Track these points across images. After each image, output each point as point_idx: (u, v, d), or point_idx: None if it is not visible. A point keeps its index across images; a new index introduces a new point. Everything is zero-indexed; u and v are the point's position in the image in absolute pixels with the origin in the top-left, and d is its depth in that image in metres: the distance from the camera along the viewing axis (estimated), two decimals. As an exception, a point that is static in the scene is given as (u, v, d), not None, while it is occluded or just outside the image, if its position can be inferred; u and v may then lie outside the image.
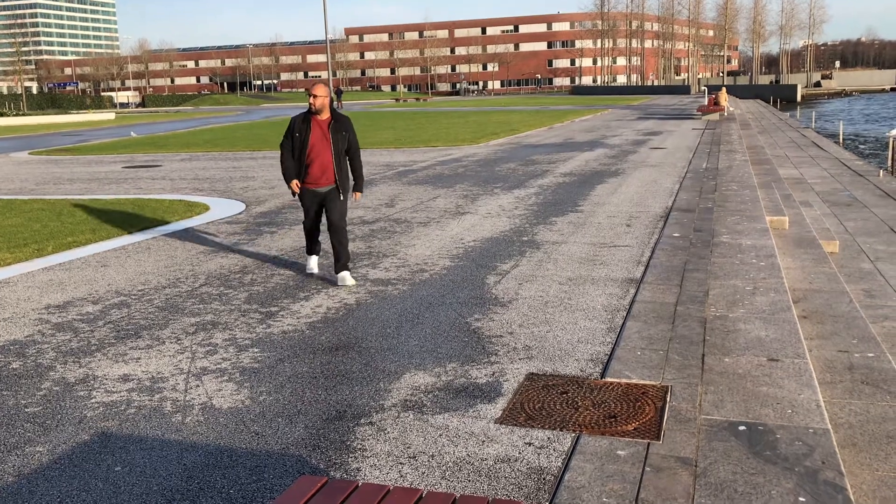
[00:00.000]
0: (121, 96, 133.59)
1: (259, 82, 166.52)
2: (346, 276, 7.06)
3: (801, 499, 3.23)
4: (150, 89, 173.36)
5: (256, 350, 5.37)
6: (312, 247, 7.45)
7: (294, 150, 6.90)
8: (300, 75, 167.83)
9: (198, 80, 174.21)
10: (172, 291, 7.07)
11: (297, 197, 6.93)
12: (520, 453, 3.75)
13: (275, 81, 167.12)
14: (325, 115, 6.89)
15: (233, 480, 3.57)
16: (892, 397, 4.75)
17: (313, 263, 7.54)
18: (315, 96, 6.81)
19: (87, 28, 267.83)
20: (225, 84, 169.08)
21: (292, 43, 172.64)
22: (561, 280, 7.11)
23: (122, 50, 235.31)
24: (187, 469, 3.69)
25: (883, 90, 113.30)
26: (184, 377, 4.90)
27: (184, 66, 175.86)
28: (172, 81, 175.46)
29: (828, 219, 12.24)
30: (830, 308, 6.65)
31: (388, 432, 4.01)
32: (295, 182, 6.93)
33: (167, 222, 10.83)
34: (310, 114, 6.89)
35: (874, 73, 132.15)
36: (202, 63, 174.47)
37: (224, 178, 16.26)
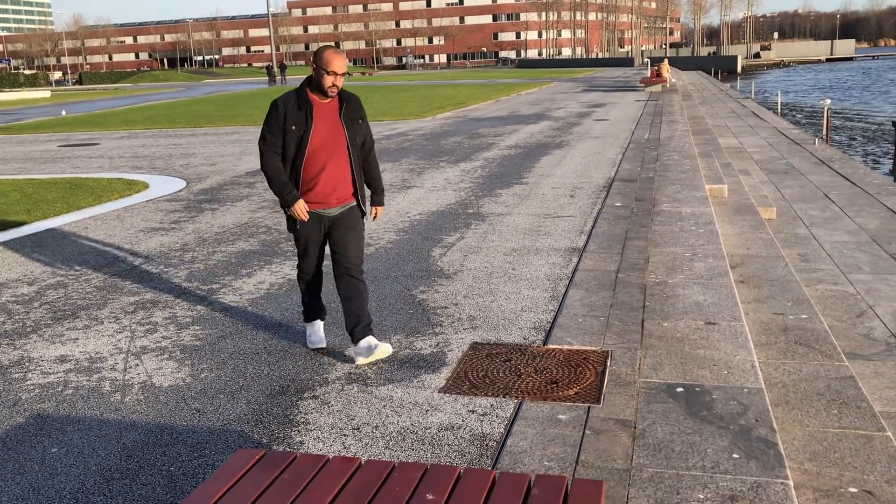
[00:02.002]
0: (56, 74, 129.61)
1: (200, 58, 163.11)
2: (372, 344, 4.50)
3: (735, 455, 3.32)
4: (87, 66, 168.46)
5: (198, 328, 5.29)
6: (315, 305, 4.81)
7: (285, 153, 4.38)
8: (242, 50, 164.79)
9: (137, 57, 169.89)
10: (111, 270, 6.92)
11: (293, 226, 4.58)
12: (463, 421, 3.78)
13: (216, 57, 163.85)
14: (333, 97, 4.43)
15: (173, 458, 3.53)
16: (824, 356, 4.90)
17: (319, 333, 4.85)
18: (335, 73, 4.26)
19: (17, 3, 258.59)
20: (165, 60, 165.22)
21: (234, 17, 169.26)
22: (505, 251, 7.15)
23: (57, 26, 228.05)
24: (126, 448, 3.63)
25: (819, 60, 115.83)
26: (123, 356, 4.81)
27: (122, 42, 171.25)
28: (110, 58, 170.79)
29: (766, 186, 12.51)
30: (767, 272, 6.81)
31: (332, 405, 4.01)
32: (301, 203, 4.39)
33: (105, 201, 10.58)
34: (307, 95, 4.36)
35: (810, 45, 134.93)
36: (141, 39, 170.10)
37: (164, 156, 15.93)
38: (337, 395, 4.12)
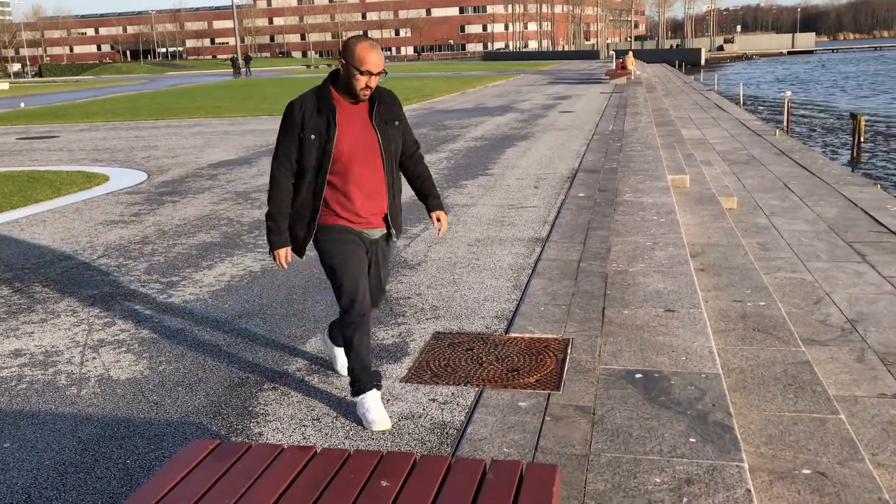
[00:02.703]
0: (15, 66, 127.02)
1: (164, 50, 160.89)
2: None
3: (692, 439, 3.36)
4: (48, 58, 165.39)
5: (157, 320, 5.23)
6: (369, 361, 3.66)
7: (304, 166, 3.52)
8: (206, 42, 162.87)
9: (99, 49, 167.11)
10: (69, 264, 6.80)
11: (328, 247, 3.64)
12: (424, 410, 3.78)
13: (180, 49, 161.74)
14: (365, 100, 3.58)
15: (129, 450, 3.48)
16: (781, 342, 4.97)
17: (379, 406, 3.68)
18: (369, 73, 3.40)
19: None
20: (128, 52, 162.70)
21: (197, 9, 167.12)
22: (469, 241, 7.16)
23: (15, 16, 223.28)
24: (82, 442, 3.58)
25: (781, 53, 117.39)
26: (80, 350, 4.74)
27: (83, 33, 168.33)
28: (71, 50, 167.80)
29: (727, 177, 12.66)
30: (727, 261, 6.90)
31: (292, 396, 3.98)
32: (285, 253, 3.65)
33: (64, 194, 10.40)
34: (330, 96, 3.50)
35: (773, 37, 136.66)
36: (103, 30, 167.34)
37: (125, 148, 15.70)
38: (297, 386, 4.09)
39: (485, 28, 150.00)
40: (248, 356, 4.53)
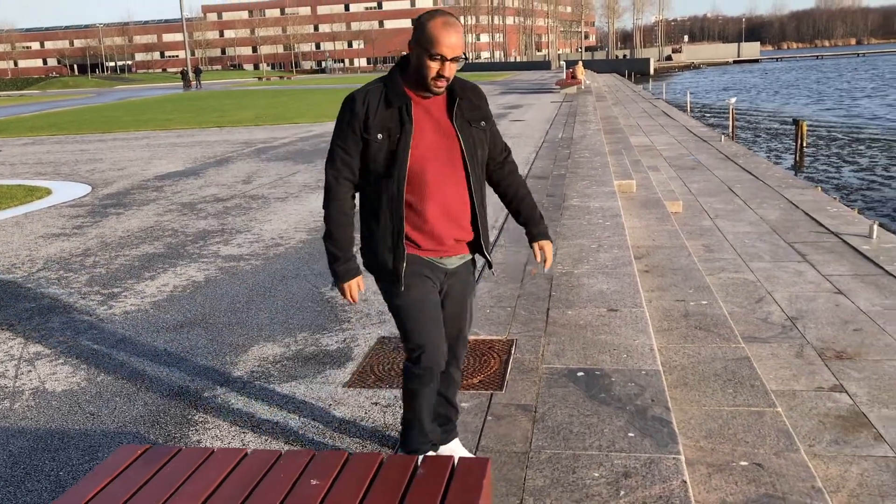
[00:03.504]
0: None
1: (112, 64, 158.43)
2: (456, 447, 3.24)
3: (631, 434, 3.40)
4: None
5: (96, 332, 5.13)
6: (430, 413, 3.07)
7: (368, 176, 2.84)
8: (156, 55, 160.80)
9: (45, 63, 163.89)
10: (6, 278, 6.64)
11: (391, 287, 2.91)
12: (366, 413, 3.76)
13: (129, 63, 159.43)
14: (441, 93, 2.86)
15: (63, 462, 3.40)
16: (721, 339, 5.06)
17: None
18: (441, 57, 2.69)
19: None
20: (75, 66, 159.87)
21: (146, 22, 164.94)
22: (417, 248, 7.15)
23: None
24: (13, 455, 3.48)
25: (727, 62, 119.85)
26: (14, 363, 4.62)
27: (28, 47, 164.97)
28: (16, 64, 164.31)
29: (674, 181, 12.86)
30: (671, 262, 7.00)
31: (233, 404, 3.93)
32: (357, 283, 2.92)
33: (4, 208, 10.16)
34: (400, 86, 2.81)
35: (719, 47, 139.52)
36: (49, 44, 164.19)
37: (70, 162, 15.40)
38: (238, 394, 4.04)
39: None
40: (188, 365, 4.47)
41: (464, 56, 2.71)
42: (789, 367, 5.24)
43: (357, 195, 2.89)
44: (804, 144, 19.38)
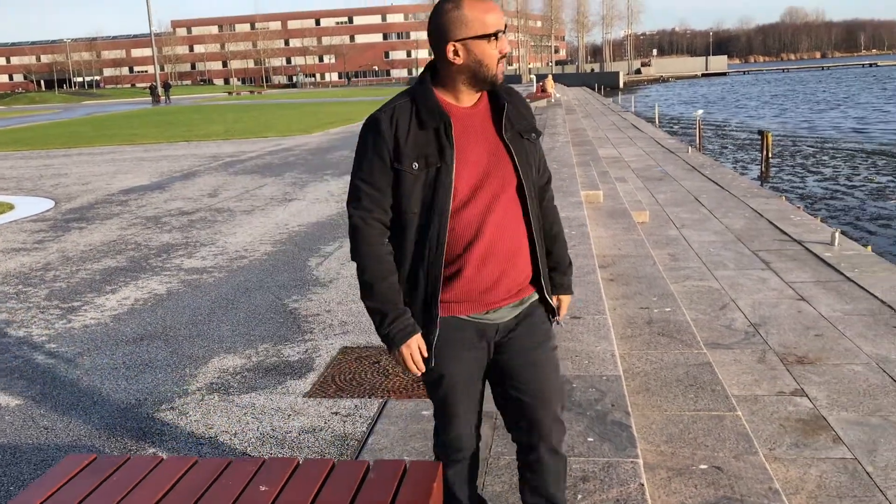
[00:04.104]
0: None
1: (80, 79, 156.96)
2: None
3: (590, 439, 3.40)
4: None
5: (53, 345, 5.04)
6: (461, 491, 2.50)
7: (401, 214, 2.23)
8: (125, 70, 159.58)
9: (11, 79, 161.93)
10: (-36, 293, 6.52)
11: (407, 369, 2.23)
12: (325, 423, 3.72)
13: (97, 78, 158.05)
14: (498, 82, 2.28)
15: (14, 477, 3.33)
16: (684, 345, 5.09)
17: None
18: (499, 33, 2.20)
19: None
20: (42, 82, 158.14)
21: (115, 37, 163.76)
22: (383, 258, 7.13)
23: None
24: (-38, 471, 3.41)
25: (695, 76, 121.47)
26: (-32, 379, 4.53)
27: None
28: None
29: (640, 192, 12.96)
30: (636, 271, 7.04)
31: (190, 416, 3.88)
32: (418, 343, 2.23)
33: (-36, 223, 9.99)
34: (434, 98, 2.22)
35: (687, 61, 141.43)
36: (14, 60, 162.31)
37: (33, 177, 15.19)
38: (196, 406, 3.99)
39: (409, 54, 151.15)
40: (147, 378, 4.40)
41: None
42: (751, 373, 5.28)
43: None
44: (770, 155, 19.65)
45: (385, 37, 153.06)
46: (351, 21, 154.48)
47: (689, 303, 6.87)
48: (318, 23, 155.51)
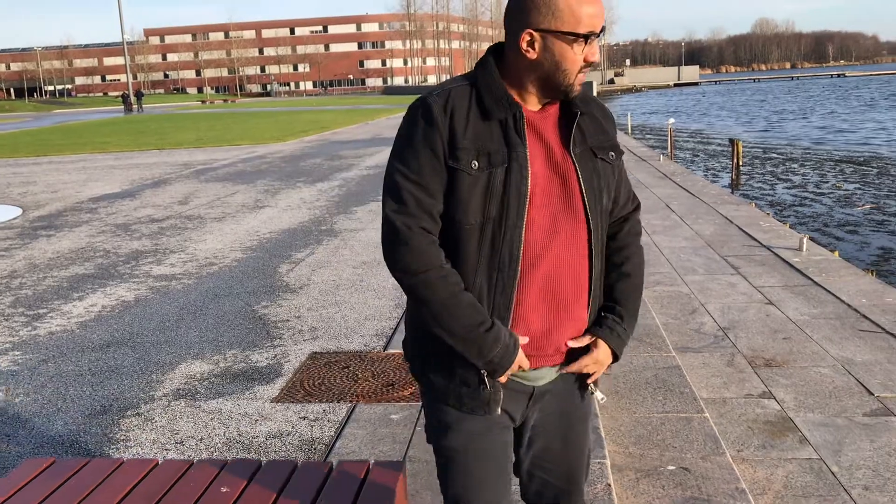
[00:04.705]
0: None
1: (51, 88, 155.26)
2: None
3: (558, 440, 3.40)
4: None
5: (17, 353, 4.96)
6: None
7: (451, 223, 1.75)
8: (97, 79, 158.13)
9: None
10: (-74, 301, 6.41)
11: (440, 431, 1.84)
12: (293, 428, 3.70)
13: (69, 86, 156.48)
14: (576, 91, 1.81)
15: (-27, 485, 3.27)
16: (653, 349, 5.12)
17: None
18: (593, 35, 1.74)
19: None
20: (12, 90, 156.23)
21: (87, 45, 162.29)
22: (355, 264, 7.11)
23: None
24: (-80, 479, 3.34)
25: (668, 86, 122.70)
26: (-72, 387, 4.44)
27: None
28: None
29: (613, 199, 13.05)
30: (607, 276, 7.07)
31: (156, 421, 3.83)
32: (520, 360, 1.75)
33: (-71, 231, 9.82)
34: (502, 87, 1.77)
35: (660, 71, 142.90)
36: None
37: (1, 185, 14.99)
38: (162, 412, 3.94)
39: (384, 63, 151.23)
40: (112, 384, 4.35)
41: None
42: (720, 376, 5.31)
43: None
44: (740, 163, 19.87)
45: (360, 46, 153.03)
46: (326, 30, 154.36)
47: (659, 307, 6.91)
48: (292, 31, 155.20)
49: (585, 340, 1.82)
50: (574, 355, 1.83)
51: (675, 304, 7.03)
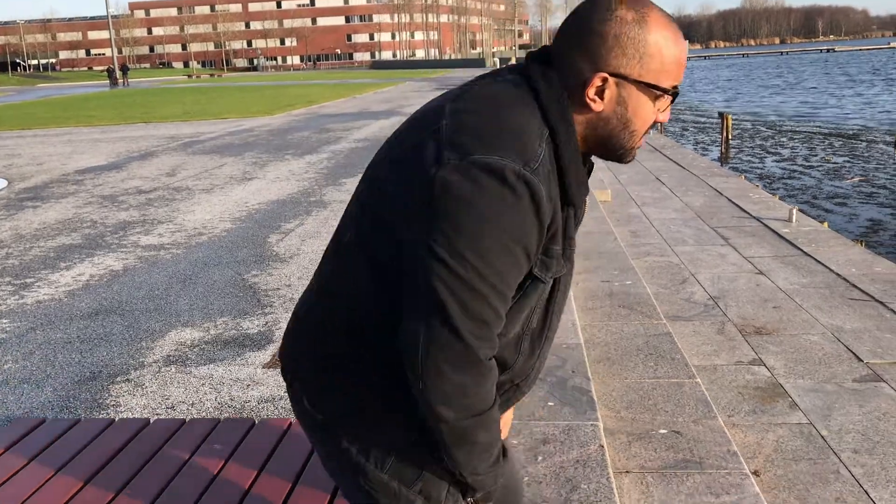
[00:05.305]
0: None
1: (35, 62, 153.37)
2: None
3: (550, 403, 3.40)
4: None
5: (5, 321, 4.92)
6: None
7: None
8: (81, 53, 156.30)
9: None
10: (-89, 271, 6.34)
11: None
12: (285, 392, 3.67)
13: (53, 61, 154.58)
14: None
15: (-38, 450, 3.24)
16: (644, 316, 5.12)
17: None
18: (676, 91, 1.36)
19: None
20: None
21: (70, 19, 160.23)
22: (345, 235, 7.07)
23: None
24: None
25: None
26: (-85, 354, 4.40)
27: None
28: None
29: (603, 172, 13.02)
30: (598, 247, 7.07)
31: (147, 387, 3.81)
32: None
33: (-88, 203, 9.71)
34: (580, 165, 1.34)
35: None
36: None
37: (-14, 157, 14.83)
38: (152, 378, 3.92)
39: (371, 37, 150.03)
40: (102, 351, 4.31)
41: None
42: (710, 343, 5.33)
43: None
44: (729, 137, 19.87)
45: (347, 20, 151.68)
46: (313, 3, 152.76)
47: (649, 277, 6.92)
48: (279, 5, 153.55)
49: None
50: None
51: (666, 273, 7.04)
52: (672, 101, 1.37)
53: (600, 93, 1.32)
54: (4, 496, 1.92)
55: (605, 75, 1.31)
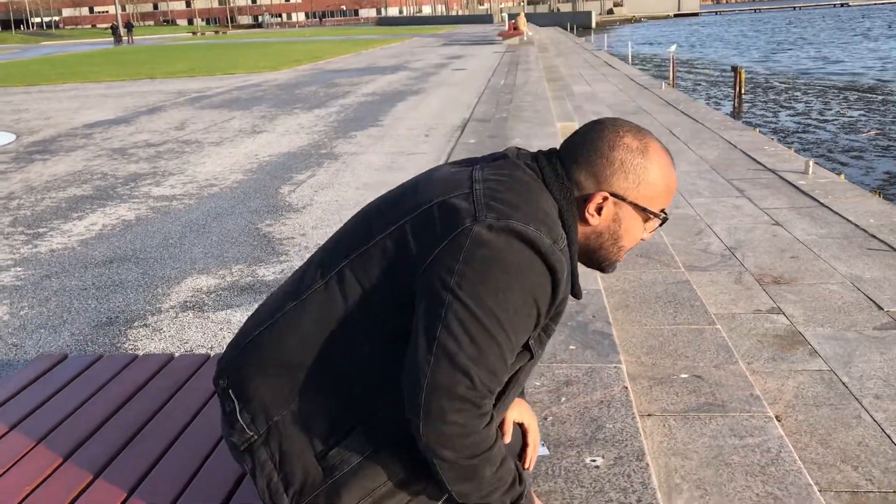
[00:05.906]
0: None
1: (38, 20, 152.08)
2: None
3: (572, 346, 3.37)
4: None
5: (20, 269, 4.90)
6: None
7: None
8: (85, 11, 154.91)
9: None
10: (-77, 221, 6.32)
11: None
12: (303, 337, 3.66)
13: (56, 18, 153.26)
14: None
15: (-18, 392, 3.24)
16: (662, 265, 5.07)
17: None
18: (666, 216, 1.55)
19: None
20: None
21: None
22: (358, 185, 7.02)
23: None
24: (-72, 387, 3.30)
25: (667, 16, 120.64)
26: (-69, 301, 4.39)
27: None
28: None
29: (615, 125, 12.89)
30: (612, 197, 6.99)
31: (165, 331, 3.79)
32: None
33: (-78, 156, 9.67)
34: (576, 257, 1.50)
35: (660, 1, 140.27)
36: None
37: (-7, 112, 14.75)
38: (170, 322, 3.90)
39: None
40: (118, 298, 4.30)
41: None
42: (728, 293, 5.28)
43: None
44: (742, 91, 19.62)
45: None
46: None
47: (665, 228, 6.85)
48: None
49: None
50: None
51: (682, 225, 6.97)
52: (661, 225, 1.53)
53: (599, 209, 1.48)
54: (28, 430, 1.90)
55: (607, 194, 1.47)
